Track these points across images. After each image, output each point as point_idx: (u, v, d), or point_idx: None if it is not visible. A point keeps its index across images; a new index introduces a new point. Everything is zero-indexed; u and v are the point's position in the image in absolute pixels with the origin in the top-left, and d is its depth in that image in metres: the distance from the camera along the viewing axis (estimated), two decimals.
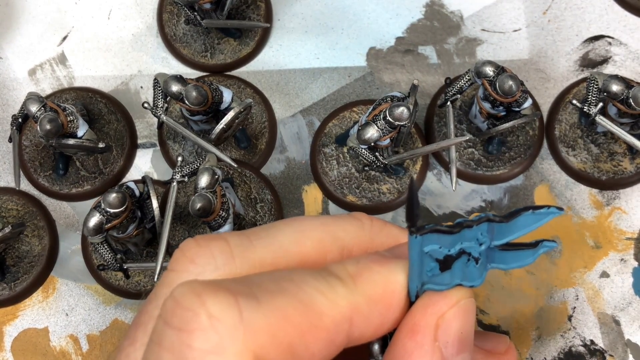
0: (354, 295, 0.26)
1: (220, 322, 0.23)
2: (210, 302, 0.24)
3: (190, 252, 0.28)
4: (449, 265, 0.27)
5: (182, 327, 0.24)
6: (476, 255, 0.27)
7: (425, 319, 0.27)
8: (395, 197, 0.66)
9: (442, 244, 0.26)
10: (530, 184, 0.67)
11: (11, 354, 0.65)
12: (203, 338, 0.23)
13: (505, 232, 0.28)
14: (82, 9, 0.74)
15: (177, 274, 0.28)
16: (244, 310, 0.23)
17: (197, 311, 0.23)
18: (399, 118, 0.56)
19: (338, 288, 0.26)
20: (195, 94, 0.57)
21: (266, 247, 0.29)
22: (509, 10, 0.72)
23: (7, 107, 0.71)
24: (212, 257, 0.28)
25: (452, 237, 0.26)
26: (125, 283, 0.65)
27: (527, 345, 0.63)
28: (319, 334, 0.25)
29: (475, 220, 0.26)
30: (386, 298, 0.27)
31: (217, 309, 0.23)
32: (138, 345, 0.27)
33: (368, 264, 0.27)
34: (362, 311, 0.26)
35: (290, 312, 0.24)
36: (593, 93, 0.60)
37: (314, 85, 0.71)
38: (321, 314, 0.25)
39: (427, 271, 0.27)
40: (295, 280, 0.26)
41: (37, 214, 0.67)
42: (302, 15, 0.73)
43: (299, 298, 0.25)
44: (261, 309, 0.24)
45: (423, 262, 0.27)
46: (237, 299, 0.24)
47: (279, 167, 0.69)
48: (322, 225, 0.30)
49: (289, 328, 0.24)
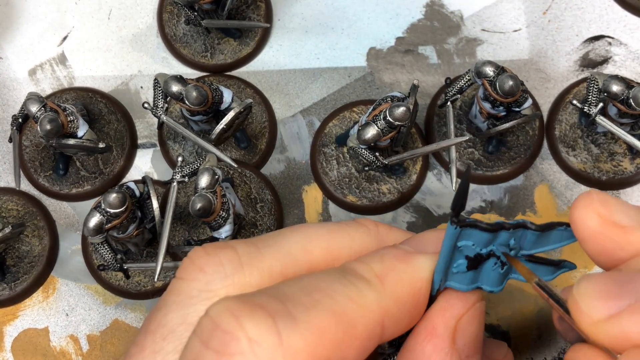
0: (384, 298, 0.26)
1: (260, 346, 0.23)
2: (248, 325, 0.23)
3: (200, 261, 0.28)
4: (476, 265, 0.27)
5: (222, 350, 0.23)
6: (504, 260, 0.27)
7: (445, 322, 0.27)
8: (395, 197, 0.66)
9: (476, 241, 0.26)
10: (530, 184, 0.67)
11: (11, 354, 0.65)
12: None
13: (536, 243, 0.28)
14: (82, 9, 0.74)
15: (186, 282, 0.28)
16: (283, 332, 0.23)
17: (237, 334, 0.23)
18: (399, 118, 0.56)
19: (367, 292, 0.26)
20: (196, 94, 0.57)
21: (274, 255, 0.29)
22: (509, 10, 0.72)
23: (7, 107, 0.71)
24: (221, 265, 0.28)
25: (487, 235, 0.26)
26: (125, 283, 0.65)
27: (527, 345, 0.63)
28: (353, 342, 0.25)
29: (514, 224, 0.26)
30: (413, 297, 0.27)
31: (256, 332, 0.23)
32: (147, 353, 0.27)
33: (393, 262, 0.27)
34: (393, 314, 0.26)
35: (326, 326, 0.24)
36: (593, 93, 0.60)
37: (314, 85, 0.71)
38: (355, 322, 0.25)
39: (454, 267, 0.27)
40: (325, 289, 0.25)
41: (37, 214, 0.67)
42: (302, 15, 0.73)
43: (332, 310, 0.25)
44: (298, 330, 0.24)
45: (453, 256, 0.26)
46: (275, 320, 0.24)
47: (279, 167, 0.69)
48: (329, 232, 0.30)
49: (326, 343, 0.24)
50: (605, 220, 0.26)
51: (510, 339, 0.63)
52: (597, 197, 0.26)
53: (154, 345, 0.27)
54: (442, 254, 0.26)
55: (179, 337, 0.27)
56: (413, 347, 0.27)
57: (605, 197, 0.26)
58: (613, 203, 0.26)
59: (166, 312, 0.28)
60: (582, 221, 0.26)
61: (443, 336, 0.26)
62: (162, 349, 0.27)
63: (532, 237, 0.27)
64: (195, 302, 0.27)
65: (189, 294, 0.28)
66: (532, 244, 0.28)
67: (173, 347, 0.27)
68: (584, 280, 0.24)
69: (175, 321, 0.27)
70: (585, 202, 0.26)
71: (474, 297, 0.27)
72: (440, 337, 0.26)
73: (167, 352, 0.27)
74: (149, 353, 0.27)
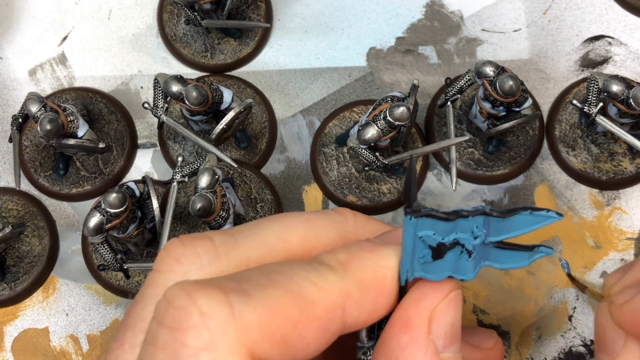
0: (345, 282, 0.26)
1: (212, 319, 0.23)
2: (200, 299, 0.24)
3: (176, 252, 0.28)
4: (441, 254, 0.27)
5: (175, 326, 0.24)
6: (469, 248, 0.27)
7: (419, 313, 0.27)
8: (395, 197, 0.66)
9: (436, 230, 0.26)
10: (530, 184, 0.67)
11: (11, 354, 0.65)
12: (196, 335, 0.23)
13: (502, 230, 0.27)
14: (82, 9, 0.74)
15: (162, 274, 0.28)
16: (235, 306, 0.24)
17: (189, 309, 0.24)
18: (399, 118, 0.56)
19: (328, 276, 0.26)
20: (196, 94, 0.57)
21: (251, 245, 0.29)
22: (509, 10, 0.72)
23: (7, 107, 0.71)
24: (197, 256, 0.28)
25: (447, 224, 0.26)
26: (125, 283, 0.65)
27: (527, 345, 0.63)
28: (311, 323, 0.25)
29: (472, 211, 0.26)
30: (377, 284, 0.27)
31: (208, 306, 0.24)
32: (127, 348, 0.27)
33: (359, 251, 0.27)
34: (354, 297, 0.26)
35: (282, 303, 0.24)
36: (593, 93, 0.60)
37: (314, 85, 0.71)
38: (313, 302, 0.25)
39: (420, 257, 0.27)
40: (285, 272, 0.26)
41: (37, 214, 0.67)
42: (302, 15, 0.73)
43: (289, 289, 0.25)
44: (252, 303, 0.24)
45: (416, 247, 0.26)
46: (228, 295, 0.24)
47: (279, 167, 0.69)
48: (306, 221, 0.30)
49: (281, 320, 0.24)
50: None
51: (510, 339, 0.63)
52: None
53: (134, 339, 0.27)
54: (403, 245, 0.26)
55: None
56: (389, 338, 0.27)
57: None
58: None
59: (144, 305, 0.28)
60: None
61: (418, 327, 0.26)
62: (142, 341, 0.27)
63: (496, 223, 0.27)
64: None
65: (166, 286, 0.27)
66: (498, 230, 0.27)
67: None
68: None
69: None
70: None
71: (448, 287, 0.27)
72: (416, 328, 0.26)
73: None
74: (129, 347, 0.27)
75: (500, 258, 0.28)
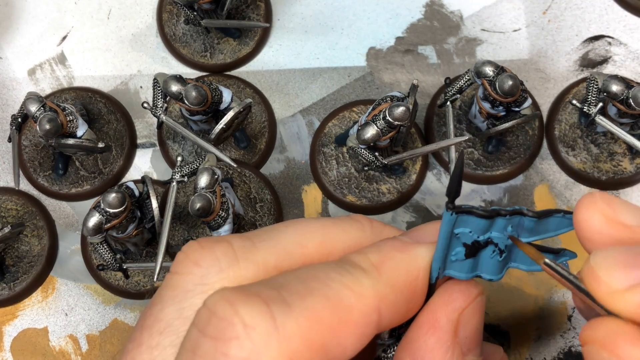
0: (380, 285, 0.26)
1: (255, 331, 0.24)
2: (243, 310, 0.24)
3: (194, 255, 0.28)
4: (475, 252, 0.27)
5: (218, 336, 0.24)
6: (502, 248, 0.27)
7: (447, 315, 0.27)
8: (395, 197, 0.66)
9: (473, 228, 0.26)
10: (530, 184, 0.67)
11: (11, 353, 0.65)
12: (238, 346, 0.23)
13: (534, 231, 0.28)
14: (82, 9, 0.74)
15: (181, 276, 0.28)
16: (277, 317, 0.24)
17: (232, 320, 0.24)
18: (398, 118, 0.56)
19: (363, 280, 0.26)
20: (195, 94, 0.57)
21: (269, 249, 0.29)
22: (509, 10, 0.72)
23: (7, 107, 0.71)
24: (216, 259, 0.28)
25: (484, 223, 0.26)
26: (124, 283, 0.65)
27: (527, 345, 0.63)
28: (349, 329, 0.25)
29: (510, 210, 0.27)
30: (410, 285, 0.27)
31: (251, 317, 0.24)
32: (144, 348, 0.27)
33: (390, 252, 0.27)
34: (389, 300, 0.26)
35: (321, 312, 0.25)
36: (593, 93, 0.60)
37: (313, 85, 0.71)
38: (350, 309, 0.25)
39: (452, 254, 0.27)
40: (321, 277, 0.26)
41: (36, 213, 0.67)
42: (302, 15, 0.73)
43: (327, 296, 0.25)
44: (293, 314, 0.24)
45: (451, 244, 0.27)
46: (270, 306, 0.24)
47: (278, 167, 0.69)
48: (323, 227, 0.30)
49: (321, 328, 0.24)
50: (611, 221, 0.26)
51: (510, 339, 0.63)
52: (601, 197, 0.26)
53: (151, 340, 0.27)
54: (439, 241, 0.26)
55: (176, 331, 0.27)
56: (415, 338, 0.27)
57: (610, 197, 0.26)
58: (617, 203, 0.26)
59: (162, 306, 0.28)
60: (586, 221, 0.26)
61: (446, 329, 0.27)
62: (159, 343, 0.27)
63: (530, 224, 0.27)
64: (191, 296, 0.28)
65: (185, 288, 0.28)
66: (530, 231, 0.28)
67: (170, 341, 0.27)
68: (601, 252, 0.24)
69: (171, 315, 0.27)
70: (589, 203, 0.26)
71: (476, 291, 0.28)
72: (443, 330, 0.27)
73: (164, 347, 0.27)
74: (146, 348, 0.27)
75: (527, 260, 0.28)
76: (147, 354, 0.27)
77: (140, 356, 0.27)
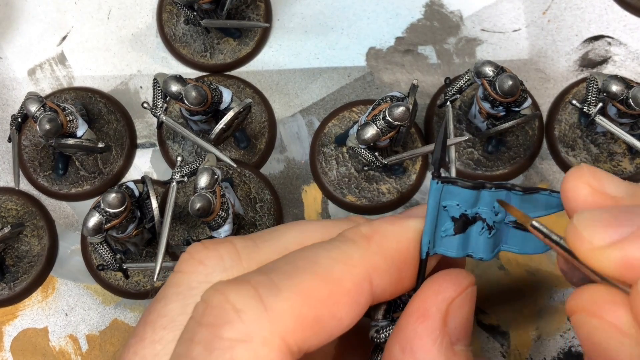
0: (369, 254, 0.27)
1: (246, 314, 0.25)
2: (233, 296, 0.25)
3: (199, 255, 0.29)
4: (464, 228, 0.27)
5: (213, 322, 0.25)
6: (490, 223, 0.28)
7: (437, 304, 0.27)
8: (394, 197, 0.66)
9: (460, 201, 0.27)
10: (530, 184, 0.67)
11: (11, 353, 0.65)
12: (232, 329, 0.25)
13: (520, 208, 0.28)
14: (82, 9, 0.74)
15: (185, 275, 0.29)
16: (266, 299, 0.25)
17: (224, 307, 0.25)
18: (398, 118, 0.56)
19: (352, 251, 0.27)
20: (195, 94, 0.57)
21: (271, 249, 0.30)
22: (509, 10, 0.72)
23: (7, 107, 0.71)
24: (220, 258, 0.29)
25: (470, 195, 0.27)
26: (124, 283, 0.65)
27: (527, 345, 0.63)
28: (342, 299, 0.26)
29: (496, 183, 0.27)
30: (401, 255, 0.28)
31: (241, 302, 0.25)
32: (146, 343, 0.27)
33: (381, 225, 0.28)
34: (380, 268, 0.27)
35: (310, 287, 0.26)
36: (593, 93, 0.60)
37: (313, 85, 0.71)
38: (340, 279, 0.26)
39: (442, 230, 0.27)
40: (308, 256, 0.27)
41: (36, 213, 0.67)
42: (302, 15, 0.73)
43: (314, 272, 0.26)
44: (281, 294, 0.25)
45: (439, 217, 0.27)
46: (258, 290, 0.25)
47: (278, 167, 0.69)
48: (323, 228, 0.31)
49: (312, 303, 0.25)
50: (596, 191, 0.26)
51: (510, 339, 0.63)
52: (588, 169, 0.27)
53: (154, 334, 0.28)
54: (428, 212, 0.27)
55: (179, 326, 0.28)
56: (405, 326, 0.28)
57: (596, 169, 0.27)
58: (603, 175, 0.27)
59: (166, 303, 0.28)
60: (573, 192, 0.27)
61: (435, 318, 0.27)
62: (162, 338, 0.27)
63: (516, 199, 0.28)
64: (195, 293, 0.28)
65: (189, 286, 0.28)
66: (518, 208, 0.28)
67: (173, 336, 0.27)
68: (584, 212, 0.25)
69: (175, 311, 0.28)
70: (576, 174, 0.27)
71: (467, 282, 0.28)
72: (432, 319, 0.27)
73: (167, 341, 0.27)
74: (149, 343, 0.27)
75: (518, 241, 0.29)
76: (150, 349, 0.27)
77: (143, 350, 0.27)
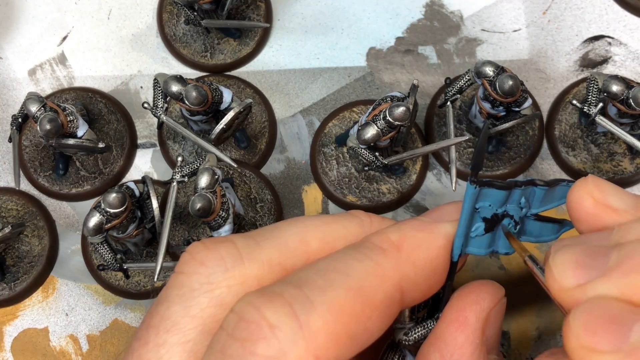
0: (400, 265, 0.27)
1: (281, 331, 0.24)
2: (268, 313, 0.25)
3: (200, 255, 0.29)
4: (493, 226, 0.28)
5: (246, 337, 0.25)
6: (517, 219, 0.28)
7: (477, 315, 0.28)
8: (395, 197, 0.66)
9: (492, 202, 0.28)
10: None
11: (11, 354, 0.65)
12: (266, 346, 0.24)
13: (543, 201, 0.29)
14: (82, 9, 0.74)
15: (187, 276, 0.29)
16: (301, 316, 0.25)
17: (259, 323, 0.25)
18: (398, 118, 0.56)
19: (384, 261, 0.27)
20: (195, 94, 0.57)
21: (272, 247, 0.29)
22: (509, 10, 0.72)
23: (7, 107, 0.71)
24: (221, 259, 0.29)
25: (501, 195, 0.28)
26: (125, 283, 0.65)
27: (527, 345, 0.63)
28: (374, 312, 0.26)
29: (525, 181, 0.28)
30: (431, 263, 0.28)
31: (276, 318, 0.25)
32: (150, 347, 0.27)
33: (410, 231, 0.28)
34: (410, 278, 0.27)
35: (343, 302, 0.25)
36: (593, 93, 0.60)
37: (314, 85, 0.71)
38: (373, 292, 0.26)
39: (473, 230, 0.28)
40: (340, 268, 0.27)
41: (37, 214, 0.67)
42: (302, 15, 0.73)
43: (348, 286, 0.26)
44: (316, 310, 0.25)
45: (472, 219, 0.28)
46: (292, 306, 0.25)
47: (278, 167, 0.69)
48: (324, 223, 0.31)
49: (346, 319, 0.25)
50: (599, 203, 0.27)
51: (510, 339, 0.63)
52: (593, 181, 0.27)
53: (157, 338, 0.27)
54: (462, 217, 0.28)
55: (182, 329, 0.27)
56: (444, 335, 0.28)
57: (601, 182, 0.27)
58: (607, 187, 0.27)
59: (168, 305, 0.28)
60: (578, 203, 0.27)
61: (475, 327, 0.28)
62: (166, 341, 0.27)
63: (540, 194, 0.29)
64: (197, 294, 0.28)
65: (191, 287, 0.28)
66: (540, 201, 0.29)
67: (177, 340, 0.27)
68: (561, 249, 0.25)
69: (178, 314, 0.28)
70: (581, 186, 0.27)
71: (501, 293, 0.29)
72: (472, 328, 0.28)
73: (170, 345, 0.27)
74: (153, 346, 0.27)
75: (535, 231, 0.30)
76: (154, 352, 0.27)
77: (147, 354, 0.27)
